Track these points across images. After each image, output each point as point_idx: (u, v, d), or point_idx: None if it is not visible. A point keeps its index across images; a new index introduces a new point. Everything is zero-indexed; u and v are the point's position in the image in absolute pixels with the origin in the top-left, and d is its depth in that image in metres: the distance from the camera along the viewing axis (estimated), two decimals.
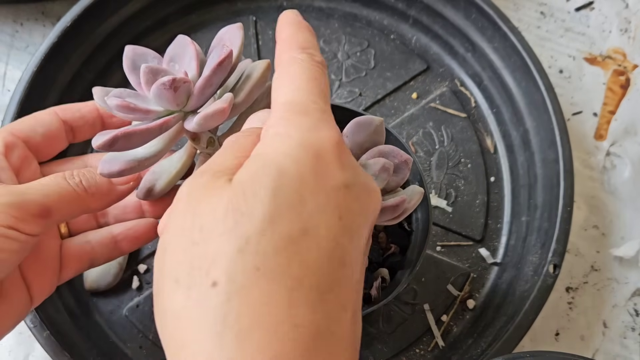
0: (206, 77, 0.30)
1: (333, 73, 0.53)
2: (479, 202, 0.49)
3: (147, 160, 0.32)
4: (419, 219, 0.41)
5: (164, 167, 0.35)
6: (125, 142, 0.30)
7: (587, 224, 0.50)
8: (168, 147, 0.33)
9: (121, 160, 0.32)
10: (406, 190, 0.32)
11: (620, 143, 0.52)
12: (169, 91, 0.29)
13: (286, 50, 0.27)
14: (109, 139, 0.29)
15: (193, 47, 0.31)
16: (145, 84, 0.30)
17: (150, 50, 0.33)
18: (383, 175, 0.31)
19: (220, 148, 0.26)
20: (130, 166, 0.32)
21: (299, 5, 0.56)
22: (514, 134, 0.51)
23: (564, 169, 0.45)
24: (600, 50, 0.56)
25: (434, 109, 0.52)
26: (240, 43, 0.31)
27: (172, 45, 0.32)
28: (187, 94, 0.30)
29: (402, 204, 0.29)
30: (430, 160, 0.51)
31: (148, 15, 0.53)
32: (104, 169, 0.32)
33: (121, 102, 0.29)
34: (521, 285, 0.45)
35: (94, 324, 0.45)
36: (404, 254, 0.41)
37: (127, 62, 0.32)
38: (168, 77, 0.29)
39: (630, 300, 0.48)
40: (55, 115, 0.36)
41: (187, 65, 0.31)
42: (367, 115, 0.33)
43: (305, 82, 0.25)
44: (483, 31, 0.51)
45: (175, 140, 0.33)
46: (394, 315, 0.45)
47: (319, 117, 0.23)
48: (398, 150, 0.32)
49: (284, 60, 0.26)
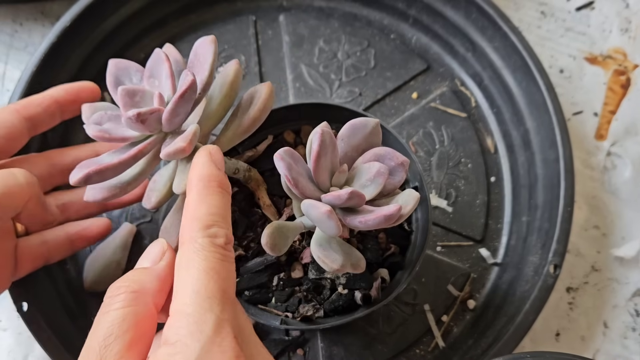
0: (170, 109, 0.30)
1: (333, 73, 0.53)
2: (479, 202, 0.49)
3: (130, 185, 0.33)
4: (419, 218, 0.41)
5: (163, 175, 0.35)
6: (100, 176, 0.31)
7: (588, 224, 0.50)
8: (150, 168, 0.33)
9: (104, 188, 0.32)
10: (402, 195, 0.31)
11: (620, 143, 0.52)
12: (136, 123, 0.29)
13: (188, 228, 0.27)
14: (82, 177, 0.30)
15: (167, 64, 0.31)
16: (123, 107, 0.30)
17: (133, 64, 0.33)
18: (378, 180, 0.31)
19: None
20: (113, 193, 0.32)
21: (298, 5, 0.56)
22: (514, 133, 0.51)
23: (565, 169, 0.45)
24: (600, 50, 0.55)
25: (434, 108, 0.52)
26: (212, 58, 0.31)
27: (150, 60, 0.32)
28: (158, 120, 0.30)
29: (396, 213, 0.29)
30: (431, 160, 0.51)
31: (147, 15, 0.53)
32: (89, 196, 0.33)
33: (97, 131, 0.30)
34: (521, 285, 0.45)
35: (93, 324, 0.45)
36: (403, 254, 0.41)
37: (110, 79, 0.32)
38: (133, 112, 0.29)
39: (630, 300, 0.48)
40: (16, 114, 0.36)
41: (163, 84, 0.31)
42: (363, 117, 0.33)
43: (205, 280, 0.25)
44: (483, 31, 0.51)
45: (157, 160, 0.33)
46: (394, 316, 0.45)
47: (216, 334, 0.24)
48: (394, 152, 0.32)
49: (186, 241, 0.27)
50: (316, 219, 0.30)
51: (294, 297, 0.39)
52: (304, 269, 0.39)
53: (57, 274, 0.46)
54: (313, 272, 0.39)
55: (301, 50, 0.54)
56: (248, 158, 0.41)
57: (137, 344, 0.26)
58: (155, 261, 0.29)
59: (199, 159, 0.30)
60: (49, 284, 0.44)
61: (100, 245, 0.47)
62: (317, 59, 0.54)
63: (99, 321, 0.26)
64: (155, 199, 0.34)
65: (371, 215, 0.29)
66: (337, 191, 0.29)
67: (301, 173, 0.31)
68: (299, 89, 0.53)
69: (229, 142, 0.35)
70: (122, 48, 0.53)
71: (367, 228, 0.30)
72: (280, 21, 0.55)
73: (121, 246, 0.46)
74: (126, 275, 0.28)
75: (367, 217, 0.29)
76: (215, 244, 0.26)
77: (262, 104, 0.34)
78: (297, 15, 0.55)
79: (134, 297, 0.27)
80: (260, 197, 0.40)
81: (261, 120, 0.34)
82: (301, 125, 0.43)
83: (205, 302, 0.24)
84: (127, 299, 0.27)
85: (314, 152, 0.30)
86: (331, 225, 0.29)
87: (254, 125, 0.34)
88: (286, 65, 0.53)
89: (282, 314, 0.39)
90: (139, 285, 0.27)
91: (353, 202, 0.29)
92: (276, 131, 0.43)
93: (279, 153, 0.30)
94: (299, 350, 0.44)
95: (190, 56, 0.32)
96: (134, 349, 0.25)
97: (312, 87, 0.53)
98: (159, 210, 0.48)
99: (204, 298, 0.24)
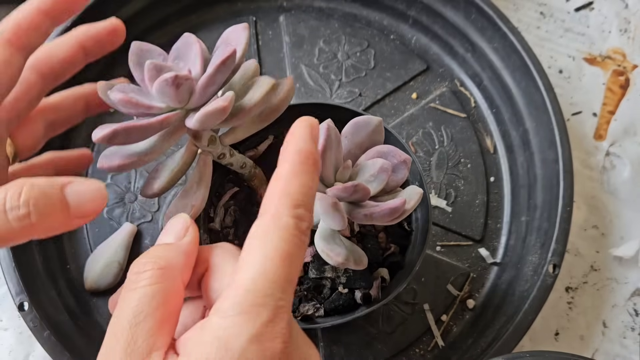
0: (209, 75, 0.29)
1: (333, 73, 0.53)
2: (478, 202, 0.49)
3: (147, 156, 0.32)
4: (419, 218, 0.41)
5: (166, 164, 0.35)
6: (125, 136, 0.30)
7: (587, 224, 0.50)
8: (169, 143, 0.33)
9: (121, 155, 0.32)
10: (405, 190, 0.32)
11: (619, 143, 0.52)
12: (171, 88, 0.29)
13: (276, 200, 0.25)
14: (108, 133, 0.29)
15: (198, 45, 0.31)
16: (149, 80, 0.30)
17: (156, 47, 0.32)
18: (382, 176, 0.31)
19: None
20: (130, 161, 0.31)
21: (298, 6, 0.56)
22: (513, 134, 0.51)
23: (564, 169, 0.45)
24: (599, 51, 0.56)
25: (434, 109, 0.52)
26: (245, 43, 0.31)
27: (177, 43, 0.32)
28: (189, 91, 0.30)
29: (401, 206, 0.29)
30: (430, 160, 0.51)
31: (148, 15, 0.53)
32: (104, 163, 0.32)
33: (124, 96, 0.29)
34: (521, 285, 0.45)
35: (94, 324, 0.45)
36: (403, 254, 0.41)
37: (133, 58, 0.32)
38: (171, 74, 0.28)
39: (629, 300, 0.48)
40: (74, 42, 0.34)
41: (191, 63, 0.31)
42: (366, 116, 0.33)
43: (277, 263, 0.24)
44: (483, 31, 0.51)
45: (176, 137, 0.33)
46: (394, 315, 0.46)
47: (271, 320, 0.23)
48: (397, 150, 0.32)
49: (269, 214, 0.25)
50: (322, 211, 0.30)
51: (295, 297, 0.39)
52: (304, 269, 0.40)
53: (58, 273, 0.46)
54: (313, 271, 0.39)
55: (301, 51, 0.54)
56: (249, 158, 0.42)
57: (167, 322, 0.25)
58: (179, 236, 0.28)
59: (300, 129, 0.27)
60: (49, 283, 0.45)
61: (101, 245, 0.47)
62: (317, 60, 0.54)
63: (126, 298, 0.25)
64: (158, 186, 0.34)
65: (377, 208, 0.29)
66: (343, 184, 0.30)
67: None
68: (299, 89, 0.53)
69: (245, 132, 0.35)
70: (123, 48, 0.53)
71: (372, 222, 0.30)
72: (280, 22, 0.55)
73: (122, 246, 0.46)
74: (151, 251, 0.27)
75: (372, 210, 0.29)
76: (299, 227, 0.25)
77: (284, 94, 0.34)
78: (297, 16, 0.56)
79: (162, 273, 0.26)
80: (262, 196, 0.40)
81: (280, 111, 0.34)
82: None
83: (271, 286, 0.24)
84: (154, 275, 0.25)
85: (319, 146, 0.30)
86: (337, 217, 0.29)
87: (273, 116, 0.34)
88: (286, 66, 0.54)
89: None
90: (165, 261, 0.26)
91: (358, 195, 0.29)
92: (276, 131, 0.43)
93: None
94: None
95: (218, 42, 0.32)
96: (165, 326, 0.25)
97: (312, 88, 0.53)
98: (160, 210, 0.49)
99: (271, 281, 0.24)
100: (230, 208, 0.42)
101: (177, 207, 0.35)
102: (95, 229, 0.48)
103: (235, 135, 0.35)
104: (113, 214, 0.49)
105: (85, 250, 0.48)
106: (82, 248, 0.48)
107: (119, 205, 0.49)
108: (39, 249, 0.45)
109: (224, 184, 0.42)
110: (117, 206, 0.49)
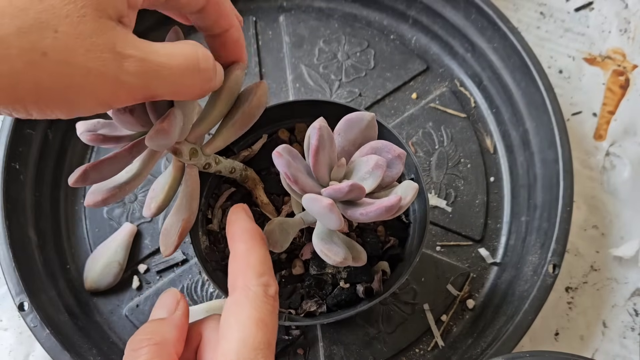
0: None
1: (333, 73, 0.53)
2: (478, 202, 0.49)
3: (129, 185, 0.32)
4: (417, 210, 0.41)
5: (159, 183, 0.35)
6: (98, 173, 0.30)
7: (587, 224, 0.50)
8: (148, 167, 0.33)
9: (103, 190, 0.32)
10: (401, 186, 0.31)
11: (619, 143, 0.52)
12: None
13: (242, 275, 0.28)
14: (79, 176, 0.30)
15: None
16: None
17: None
18: (377, 172, 0.31)
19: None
20: (112, 194, 0.32)
21: (298, 6, 0.56)
22: (513, 134, 0.51)
23: (564, 169, 0.45)
24: (599, 51, 0.56)
25: (434, 109, 0.52)
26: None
27: None
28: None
29: (396, 204, 0.29)
30: (430, 160, 0.51)
31: (148, 15, 0.53)
32: (90, 200, 0.32)
33: (91, 136, 0.30)
34: (521, 285, 0.45)
35: (94, 324, 0.45)
36: (403, 246, 0.41)
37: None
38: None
39: (629, 300, 0.48)
40: None
41: None
42: (358, 112, 0.33)
43: (253, 331, 0.26)
44: (483, 31, 0.51)
45: (155, 159, 0.33)
46: (394, 315, 0.46)
47: None
48: (391, 144, 0.32)
49: (239, 287, 0.28)
50: (318, 212, 0.30)
51: (296, 294, 0.39)
52: (304, 266, 0.40)
53: (57, 273, 0.46)
54: (314, 268, 0.39)
55: (301, 51, 0.54)
56: (244, 158, 0.42)
57: None
58: (171, 311, 0.30)
59: (237, 214, 0.32)
60: (49, 283, 0.45)
61: (101, 245, 0.47)
62: (317, 60, 0.54)
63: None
64: (155, 206, 0.34)
65: (372, 207, 0.29)
66: (338, 184, 0.29)
67: (300, 169, 0.31)
68: (299, 89, 0.53)
69: (225, 140, 0.35)
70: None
71: (369, 220, 0.30)
72: (280, 22, 0.55)
73: (122, 246, 0.46)
74: (145, 328, 0.29)
75: (368, 209, 0.29)
76: (267, 294, 0.28)
77: (257, 101, 0.34)
78: (297, 16, 0.56)
79: (157, 349, 0.27)
80: (257, 196, 0.40)
81: (256, 116, 0.34)
82: (295, 124, 0.43)
83: (251, 353, 0.26)
84: (150, 351, 0.27)
85: (312, 146, 0.30)
86: (333, 218, 0.29)
87: (249, 122, 0.34)
88: (286, 66, 0.54)
89: (285, 310, 0.39)
90: (160, 336, 0.28)
91: (353, 194, 0.29)
92: (270, 130, 0.43)
93: (278, 150, 0.30)
94: (299, 350, 0.45)
95: None
96: None
97: (312, 88, 0.53)
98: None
99: (251, 349, 0.26)
100: (227, 209, 0.42)
101: (171, 222, 0.35)
102: (95, 229, 0.48)
103: (215, 145, 0.35)
104: (113, 214, 0.49)
105: (85, 250, 0.48)
106: (82, 248, 0.48)
107: (119, 205, 0.49)
108: (39, 249, 0.46)
109: (221, 185, 0.42)
110: (117, 206, 0.49)
